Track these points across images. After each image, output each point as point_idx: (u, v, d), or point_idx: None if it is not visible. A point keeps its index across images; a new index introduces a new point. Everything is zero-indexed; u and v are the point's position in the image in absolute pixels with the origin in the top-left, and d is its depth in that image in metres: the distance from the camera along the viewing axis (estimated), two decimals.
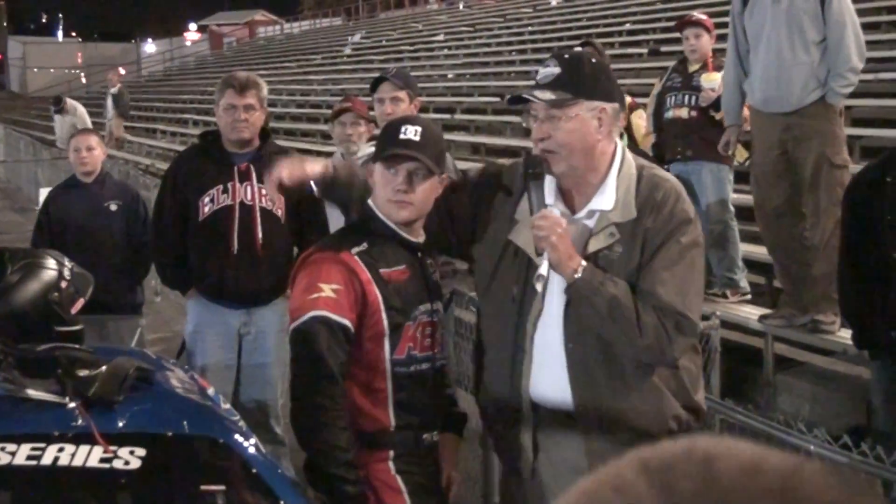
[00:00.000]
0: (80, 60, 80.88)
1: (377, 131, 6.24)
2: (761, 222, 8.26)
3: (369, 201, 4.40)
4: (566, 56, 4.05)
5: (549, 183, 4.06)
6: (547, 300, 4.01)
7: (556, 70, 3.93)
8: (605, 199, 3.94)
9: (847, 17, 7.85)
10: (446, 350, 4.67)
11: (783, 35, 7.83)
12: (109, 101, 25.84)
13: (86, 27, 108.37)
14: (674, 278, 3.84)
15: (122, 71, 33.86)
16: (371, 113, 7.96)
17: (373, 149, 8.23)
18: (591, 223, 3.97)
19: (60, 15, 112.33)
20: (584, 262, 3.84)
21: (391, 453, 4.31)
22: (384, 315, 4.24)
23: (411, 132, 4.31)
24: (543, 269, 3.86)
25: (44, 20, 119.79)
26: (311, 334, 4.14)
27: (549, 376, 3.98)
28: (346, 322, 4.17)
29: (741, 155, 9.33)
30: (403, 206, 4.30)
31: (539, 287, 3.92)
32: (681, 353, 3.92)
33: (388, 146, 4.32)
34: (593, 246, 3.91)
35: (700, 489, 0.98)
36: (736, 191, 9.77)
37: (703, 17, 10.77)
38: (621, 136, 7.54)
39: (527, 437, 4.07)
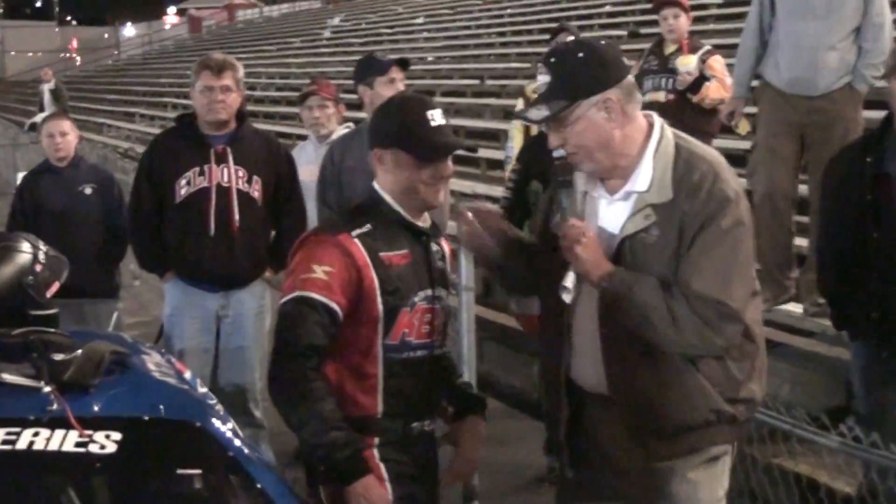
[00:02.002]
0: (58, 44, 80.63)
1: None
2: (753, 203, 8.22)
3: (375, 184, 4.29)
4: (552, 60, 3.91)
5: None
6: (585, 289, 3.92)
7: (548, 78, 3.84)
8: (641, 179, 3.83)
9: (887, 9, 7.84)
10: (447, 338, 4.50)
11: (822, 15, 7.73)
12: (47, 97, 25.78)
13: (79, 12, 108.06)
14: (713, 265, 3.71)
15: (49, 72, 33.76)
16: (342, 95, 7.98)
17: (345, 130, 8.27)
18: (627, 205, 3.85)
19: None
20: (611, 269, 3.77)
21: (376, 440, 4.20)
22: (379, 299, 4.13)
23: (438, 116, 4.19)
24: (568, 280, 3.83)
25: (38, 4, 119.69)
26: (293, 315, 4.07)
27: (587, 361, 3.95)
28: (334, 305, 4.06)
29: (744, 128, 9.27)
30: (439, 191, 4.24)
31: (566, 298, 3.87)
32: (728, 341, 3.79)
33: (429, 140, 4.16)
34: (629, 228, 3.81)
35: None
36: None
37: None
38: None
39: (568, 416, 4.06)
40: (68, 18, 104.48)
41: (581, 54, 3.89)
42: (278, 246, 7.11)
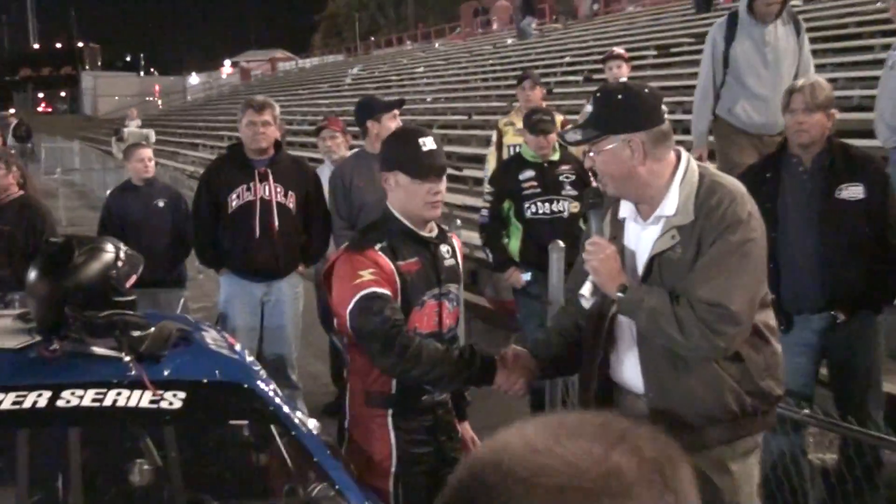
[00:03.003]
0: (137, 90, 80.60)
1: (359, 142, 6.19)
2: None
3: (387, 203, 4.15)
4: (598, 94, 3.66)
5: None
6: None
7: (589, 109, 3.61)
8: (668, 205, 3.57)
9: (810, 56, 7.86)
10: (458, 323, 4.34)
11: (772, 67, 7.61)
12: (129, 129, 25.40)
13: (158, 64, 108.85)
14: (719, 273, 3.46)
15: (135, 112, 33.58)
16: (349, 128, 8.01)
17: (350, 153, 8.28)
18: (657, 228, 3.61)
19: (142, 55, 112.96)
20: (625, 282, 3.58)
21: (390, 411, 4.12)
22: (399, 301, 3.99)
23: (430, 143, 4.06)
24: (585, 289, 3.66)
25: (128, 59, 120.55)
26: (367, 307, 3.90)
27: (627, 363, 3.76)
28: (388, 292, 3.94)
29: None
30: (437, 207, 4.11)
31: (585, 304, 3.72)
32: (729, 342, 3.50)
33: (420, 162, 4.04)
34: (657, 248, 3.59)
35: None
36: None
37: (622, 51, 10.87)
38: (563, 147, 7.59)
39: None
40: (151, 70, 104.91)
41: (620, 96, 3.65)
42: (309, 245, 7.21)
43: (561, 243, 6.50)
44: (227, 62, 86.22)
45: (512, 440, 1.05)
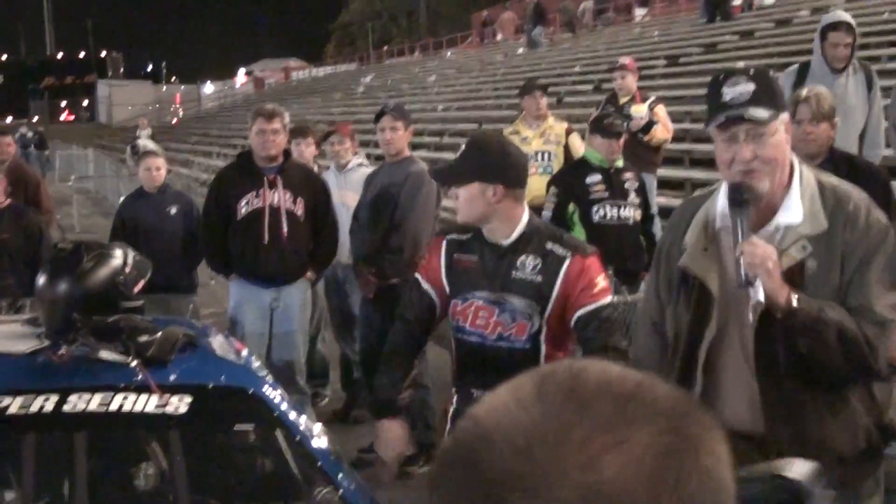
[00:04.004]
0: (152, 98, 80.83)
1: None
2: None
3: None
4: (753, 72, 3.15)
5: (721, 201, 3.19)
6: (721, 325, 3.18)
7: (751, 86, 3.06)
8: (792, 213, 3.09)
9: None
10: (512, 336, 4.08)
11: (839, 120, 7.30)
12: (142, 141, 25.31)
13: (178, 73, 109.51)
14: (890, 291, 3.06)
15: (145, 121, 33.47)
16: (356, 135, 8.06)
17: (360, 160, 8.34)
18: (778, 239, 3.10)
19: (163, 63, 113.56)
20: (792, 291, 3.01)
21: (454, 400, 4.20)
22: (445, 285, 4.13)
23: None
24: (761, 295, 3.02)
25: (150, 67, 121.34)
26: (402, 290, 4.33)
27: (737, 400, 3.18)
28: (424, 281, 4.20)
29: None
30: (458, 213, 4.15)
31: (753, 318, 3.09)
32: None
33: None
34: (785, 262, 3.05)
35: (564, 390, 0.98)
36: (659, 195, 9.76)
37: (629, 61, 10.88)
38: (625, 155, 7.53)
39: None
40: (173, 78, 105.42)
41: (772, 74, 3.33)
42: (317, 251, 7.21)
43: None
44: (241, 71, 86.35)
45: (508, 411, 1.00)
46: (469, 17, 54.56)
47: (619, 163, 7.52)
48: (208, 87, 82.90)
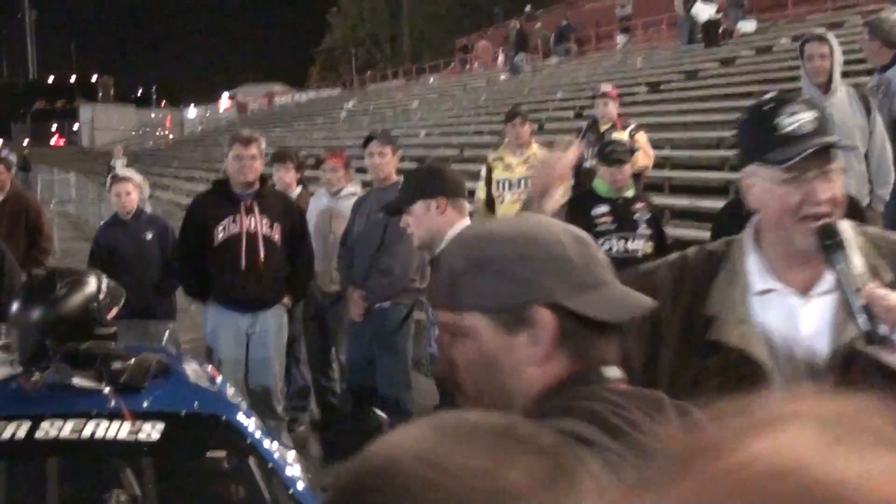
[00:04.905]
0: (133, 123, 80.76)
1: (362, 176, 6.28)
2: None
3: None
4: (801, 98, 2.64)
5: (755, 259, 2.57)
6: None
7: (813, 113, 2.50)
8: (853, 264, 2.47)
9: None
10: None
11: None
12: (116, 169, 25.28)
13: (164, 97, 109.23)
14: None
15: (121, 150, 33.35)
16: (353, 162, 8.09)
17: (354, 189, 8.37)
18: (834, 299, 2.50)
19: (153, 87, 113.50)
20: None
21: None
22: None
23: None
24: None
25: (139, 92, 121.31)
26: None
27: None
28: None
29: None
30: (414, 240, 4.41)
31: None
32: None
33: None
34: (850, 331, 2.43)
35: (453, 425, 1.07)
36: None
37: (611, 88, 10.95)
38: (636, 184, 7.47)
39: None
40: (162, 102, 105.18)
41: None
42: (293, 277, 7.23)
43: None
44: (225, 94, 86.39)
45: (405, 444, 1.04)
46: (452, 44, 54.74)
47: (630, 192, 7.30)
48: (191, 112, 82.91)
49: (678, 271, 2.68)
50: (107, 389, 3.86)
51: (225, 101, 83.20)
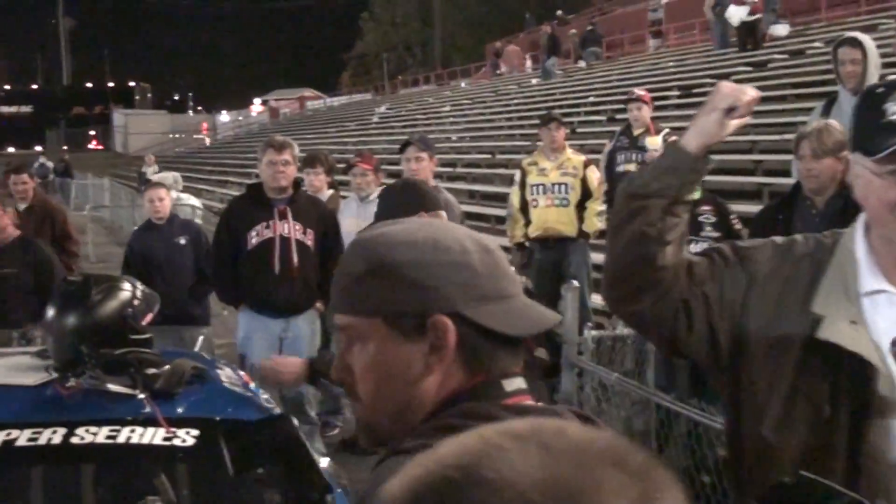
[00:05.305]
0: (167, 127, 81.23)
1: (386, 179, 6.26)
2: None
3: None
4: None
5: (864, 257, 2.34)
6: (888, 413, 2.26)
7: None
8: None
9: None
10: None
11: None
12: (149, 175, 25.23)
13: (203, 102, 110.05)
14: None
15: (153, 158, 33.45)
16: (383, 167, 8.07)
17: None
18: None
19: (189, 93, 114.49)
20: None
21: None
22: None
23: None
24: None
25: (176, 97, 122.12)
26: None
27: None
28: None
29: None
30: None
31: None
32: None
33: None
34: None
35: (563, 446, 0.97)
36: None
37: (643, 93, 10.88)
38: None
39: None
40: (198, 108, 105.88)
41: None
42: (326, 282, 7.20)
43: (575, 283, 6.50)
44: (257, 100, 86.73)
45: (518, 467, 0.95)
46: (483, 48, 54.75)
47: (697, 194, 7.30)
48: (224, 117, 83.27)
49: (782, 255, 2.47)
50: (141, 395, 3.88)
51: (257, 106, 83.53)
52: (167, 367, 4.03)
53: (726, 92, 2.47)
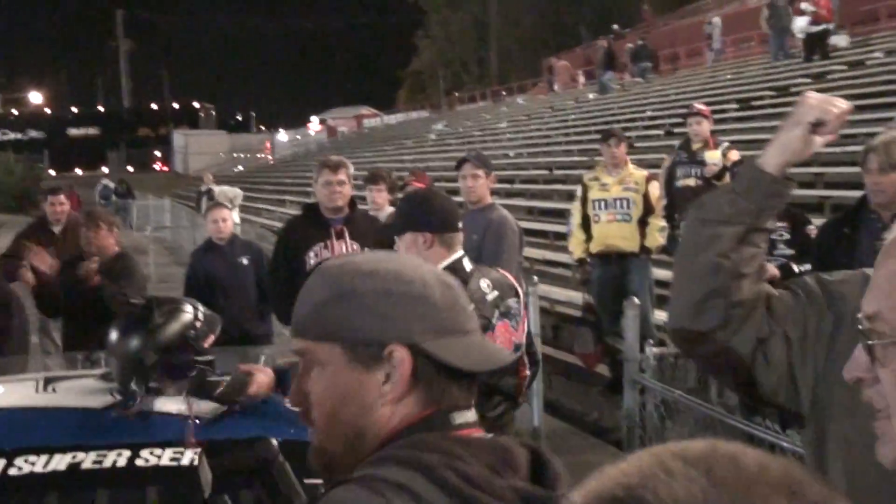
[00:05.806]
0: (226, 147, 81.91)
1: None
2: None
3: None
4: None
5: None
6: None
7: None
8: None
9: None
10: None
11: None
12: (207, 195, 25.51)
13: (266, 122, 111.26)
14: None
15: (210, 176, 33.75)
16: (435, 184, 8.08)
17: None
18: None
19: (252, 113, 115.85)
20: None
21: None
22: None
23: None
24: None
25: (238, 117, 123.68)
26: None
27: None
28: None
29: None
30: None
31: None
32: None
33: None
34: None
35: (732, 476, 0.93)
36: None
37: (703, 107, 10.82)
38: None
39: None
40: (261, 127, 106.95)
41: None
42: None
43: (637, 300, 6.45)
44: (315, 119, 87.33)
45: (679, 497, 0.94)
46: (539, 64, 54.76)
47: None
48: (282, 136, 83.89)
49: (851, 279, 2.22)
50: (196, 419, 3.88)
51: (315, 124, 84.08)
52: (230, 377, 4.05)
53: (813, 104, 2.26)
